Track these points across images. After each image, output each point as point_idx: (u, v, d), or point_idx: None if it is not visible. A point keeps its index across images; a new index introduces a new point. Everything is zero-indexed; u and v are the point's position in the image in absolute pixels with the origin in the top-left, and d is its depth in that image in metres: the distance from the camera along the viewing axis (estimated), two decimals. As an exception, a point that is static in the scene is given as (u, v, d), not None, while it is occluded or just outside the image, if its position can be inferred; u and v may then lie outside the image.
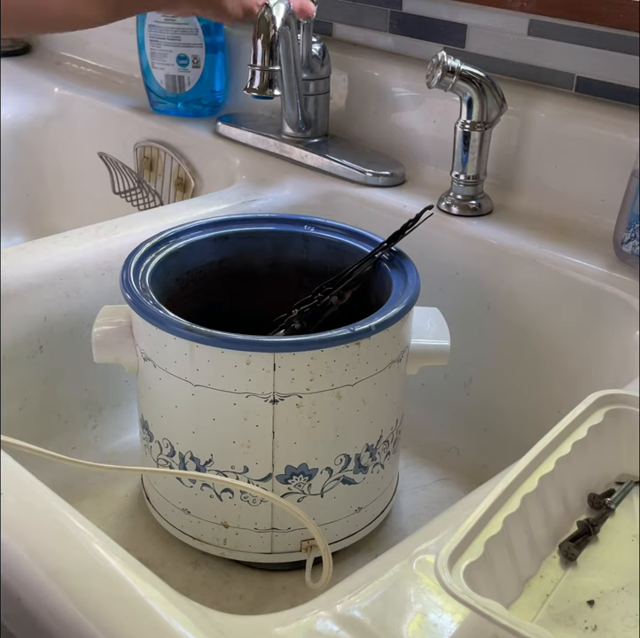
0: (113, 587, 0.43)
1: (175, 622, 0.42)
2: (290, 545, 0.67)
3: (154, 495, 0.70)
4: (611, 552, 0.49)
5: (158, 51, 1.09)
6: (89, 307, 0.76)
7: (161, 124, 1.11)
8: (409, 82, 0.96)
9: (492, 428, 0.85)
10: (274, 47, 0.79)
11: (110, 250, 0.79)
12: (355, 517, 0.68)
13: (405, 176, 0.94)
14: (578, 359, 0.78)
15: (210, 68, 1.09)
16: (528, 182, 0.89)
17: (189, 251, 0.70)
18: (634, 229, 0.74)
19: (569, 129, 0.85)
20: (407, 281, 0.65)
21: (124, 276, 0.64)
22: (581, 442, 0.50)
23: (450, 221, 0.86)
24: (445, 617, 0.43)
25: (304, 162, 0.98)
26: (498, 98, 0.83)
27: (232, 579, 0.69)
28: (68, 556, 0.45)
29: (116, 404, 0.82)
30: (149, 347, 0.62)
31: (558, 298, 0.78)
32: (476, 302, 0.84)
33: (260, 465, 0.63)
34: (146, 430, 0.68)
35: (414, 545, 0.48)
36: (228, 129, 1.05)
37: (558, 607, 0.45)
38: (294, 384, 0.59)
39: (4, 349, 0.72)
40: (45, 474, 0.55)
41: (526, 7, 0.86)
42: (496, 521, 0.44)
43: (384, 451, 0.67)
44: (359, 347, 0.60)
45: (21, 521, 0.47)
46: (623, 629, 0.44)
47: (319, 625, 0.43)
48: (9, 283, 0.73)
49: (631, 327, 0.71)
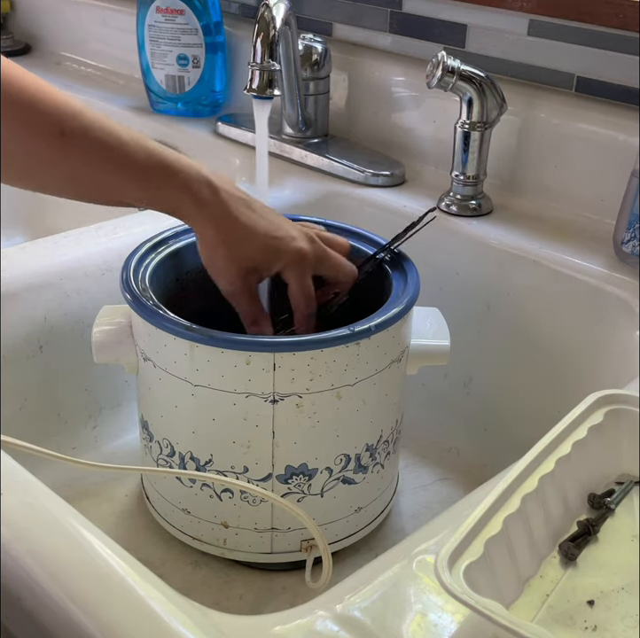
0: (113, 587, 0.43)
1: (175, 622, 0.42)
2: (290, 545, 0.66)
3: (154, 495, 0.70)
4: (611, 552, 0.49)
5: (158, 51, 1.09)
6: (89, 307, 0.76)
7: (161, 124, 1.11)
8: (409, 82, 0.96)
9: (492, 428, 0.85)
10: (274, 47, 0.79)
11: (110, 250, 0.79)
12: (355, 517, 0.68)
13: (405, 176, 0.94)
14: (578, 359, 0.78)
15: (210, 68, 1.09)
16: (528, 182, 0.89)
17: (189, 251, 0.70)
18: (634, 229, 0.74)
19: (569, 129, 0.85)
20: (407, 281, 0.65)
21: (124, 276, 0.64)
22: (581, 442, 0.50)
23: (450, 221, 0.86)
24: (445, 617, 0.43)
25: (304, 162, 0.98)
26: (498, 98, 0.83)
27: (232, 579, 0.69)
28: (68, 556, 0.45)
29: (116, 404, 0.82)
30: (149, 347, 0.62)
31: (558, 298, 0.78)
32: (476, 302, 0.84)
33: (260, 465, 0.63)
34: (146, 430, 0.68)
35: (414, 545, 0.48)
36: (228, 129, 1.05)
37: (558, 607, 0.45)
38: (294, 384, 0.59)
39: (4, 349, 0.72)
40: (45, 474, 0.55)
41: (526, 7, 0.86)
42: (496, 521, 0.44)
43: (384, 451, 0.67)
44: (359, 347, 0.60)
45: (21, 521, 0.47)
46: (623, 629, 0.44)
47: (319, 625, 0.43)
48: (9, 283, 0.73)
49: (631, 327, 0.71)
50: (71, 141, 0.57)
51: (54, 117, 0.57)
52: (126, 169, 0.59)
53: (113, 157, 0.59)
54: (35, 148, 0.57)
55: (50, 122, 0.57)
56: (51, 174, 0.59)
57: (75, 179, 0.60)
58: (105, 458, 0.80)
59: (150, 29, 1.08)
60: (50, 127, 0.57)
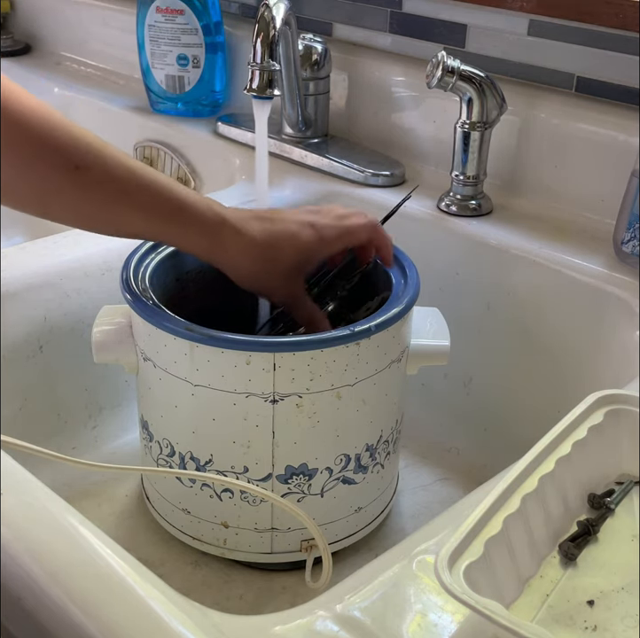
0: (113, 587, 0.43)
1: (175, 622, 0.42)
2: (290, 545, 0.66)
3: (154, 495, 0.70)
4: (611, 552, 0.49)
5: (158, 51, 1.09)
6: (89, 307, 0.76)
7: (161, 124, 1.11)
8: (409, 82, 0.96)
9: (492, 428, 0.85)
10: (274, 47, 0.79)
11: (110, 250, 0.79)
12: (355, 516, 0.68)
13: (405, 176, 0.94)
14: (578, 359, 0.78)
15: (210, 68, 1.09)
16: (528, 182, 0.89)
17: (189, 251, 0.70)
18: (634, 229, 0.74)
19: (569, 129, 0.85)
20: (407, 281, 0.65)
21: (124, 276, 0.64)
22: (581, 442, 0.50)
23: (450, 221, 0.86)
24: (445, 617, 0.43)
25: (304, 162, 0.98)
26: (498, 98, 0.83)
27: (232, 579, 0.69)
28: (68, 556, 0.45)
29: (116, 404, 0.82)
30: (149, 347, 0.62)
31: (557, 298, 0.78)
32: (476, 302, 0.84)
33: (260, 465, 0.63)
34: (146, 430, 0.68)
35: (414, 545, 0.48)
36: (228, 129, 1.05)
37: (558, 607, 0.45)
38: (294, 384, 0.59)
39: (4, 349, 0.72)
40: (45, 474, 0.55)
41: (526, 7, 0.86)
42: (496, 521, 0.44)
43: (384, 451, 0.67)
44: (359, 347, 0.60)
45: (21, 521, 0.47)
46: (623, 629, 0.44)
47: (319, 625, 0.43)
48: (9, 283, 0.73)
49: (631, 327, 0.71)
50: (86, 175, 0.57)
51: (69, 150, 0.57)
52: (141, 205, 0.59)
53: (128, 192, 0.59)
54: (48, 180, 0.57)
55: (65, 156, 0.57)
56: (62, 205, 0.59)
57: (86, 211, 0.60)
58: (105, 458, 0.80)
59: (150, 29, 1.08)
60: (65, 160, 0.57)
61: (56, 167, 0.56)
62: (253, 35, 0.79)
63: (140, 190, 0.59)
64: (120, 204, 0.59)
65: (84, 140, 0.58)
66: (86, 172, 0.57)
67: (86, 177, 0.57)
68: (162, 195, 0.59)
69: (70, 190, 0.57)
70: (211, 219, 0.60)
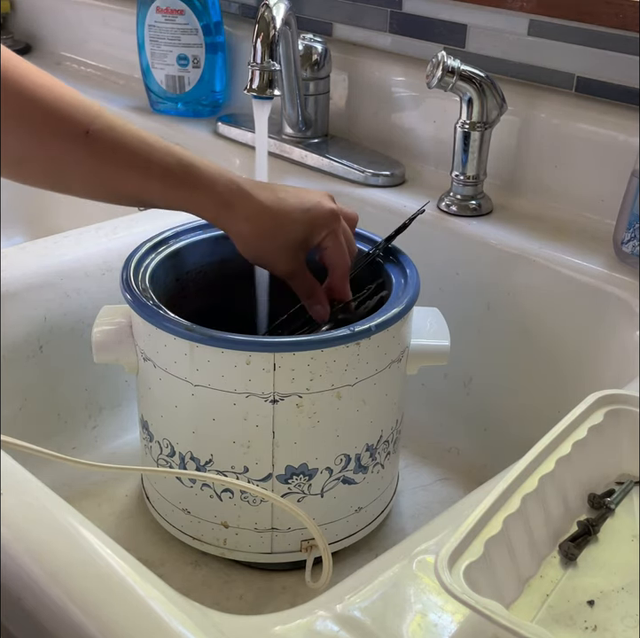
0: (113, 587, 0.43)
1: (175, 622, 0.42)
2: (290, 545, 0.66)
3: (154, 495, 0.70)
4: (611, 552, 0.49)
5: (158, 51, 1.09)
6: (89, 307, 0.76)
7: (161, 124, 1.11)
8: (409, 82, 0.96)
9: (492, 428, 0.85)
10: (274, 47, 0.79)
11: (110, 250, 0.79)
12: (355, 517, 0.68)
13: (405, 176, 0.94)
14: (578, 359, 0.78)
15: (210, 68, 1.09)
16: (528, 182, 0.89)
17: (189, 251, 0.70)
18: (634, 229, 0.74)
19: (569, 129, 0.85)
20: (407, 281, 0.65)
21: (124, 276, 0.64)
22: (581, 442, 0.50)
23: (450, 221, 0.86)
24: (445, 617, 0.43)
25: (304, 162, 0.98)
26: (498, 98, 0.83)
27: (232, 579, 0.69)
28: (68, 556, 0.45)
29: (116, 404, 0.82)
30: (149, 347, 0.62)
31: (557, 298, 0.78)
32: (476, 302, 0.84)
33: (260, 465, 0.63)
34: (146, 430, 0.68)
35: (414, 545, 0.48)
36: (228, 129, 1.05)
37: (558, 607, 0.45)
38: (294, 384, 0.59)
39: (4, 349, 0.72)
40: (45, 474, 0.55)
41: (526, 7, 0.86)
42: (496, 521, 0.44)
43: (384, 451, 0.67)
44: (359, 347, 0.60)
45: (21, 521, 0.47)
46: (623, 629, 0.44)
47: (319, 625, 0.43)
48: (9, 283, 0.73)
49: (631, 327, 0.71)
50: (97, 140, 0.58)
51: (79, 116, 0.58)
52: (151, 168, 0.60)
53: (139, 155, 0.59)
54: (59, 147, 0.58)
55: (75, 122, 0.58)
56: (74, 173, 0.60)
57: (98, 178, 0.60)
58: (105, 458, 0.80)
59: (150, 29, 1.08)
60: (75, 126, 0.58)
61: (67, 134, 0.57)
62: (253, 35, 0.79)
63: (151, 154, 0.60)
64: (132, 169, 0.60)
65: (93, 107, 0.59)
66: (97, 137, 0.58)
67: (97, 143, 0.58)
68: (174, 158, 0.60)
69: (82, 157, 0.58)
70: (222, 183, 0.61)
